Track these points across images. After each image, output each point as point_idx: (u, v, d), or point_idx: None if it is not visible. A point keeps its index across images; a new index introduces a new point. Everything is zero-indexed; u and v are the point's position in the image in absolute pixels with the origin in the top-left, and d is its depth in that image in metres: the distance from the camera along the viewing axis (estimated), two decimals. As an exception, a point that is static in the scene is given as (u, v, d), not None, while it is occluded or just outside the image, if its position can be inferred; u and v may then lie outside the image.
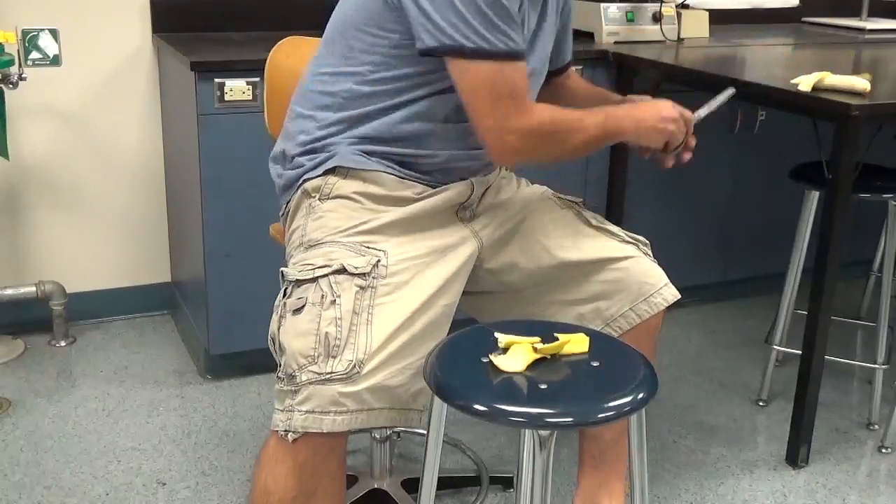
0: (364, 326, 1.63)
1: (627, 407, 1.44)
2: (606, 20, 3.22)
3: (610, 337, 1.71)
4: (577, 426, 1.52)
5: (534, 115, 1.71)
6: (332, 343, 1.60)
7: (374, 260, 1.68)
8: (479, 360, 1.51)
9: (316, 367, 1.60)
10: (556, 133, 1.75)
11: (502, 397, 1.43)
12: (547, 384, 1.46)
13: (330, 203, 1.77)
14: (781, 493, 2.44)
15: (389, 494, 2.26)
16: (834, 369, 2.95)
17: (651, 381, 1.49)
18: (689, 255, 3.44)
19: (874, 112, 2.29)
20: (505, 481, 2.42)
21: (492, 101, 1.66)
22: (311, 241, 1.75)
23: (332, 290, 1.64)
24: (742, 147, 3.38)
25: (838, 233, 2.37)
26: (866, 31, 3.81)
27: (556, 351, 1.54)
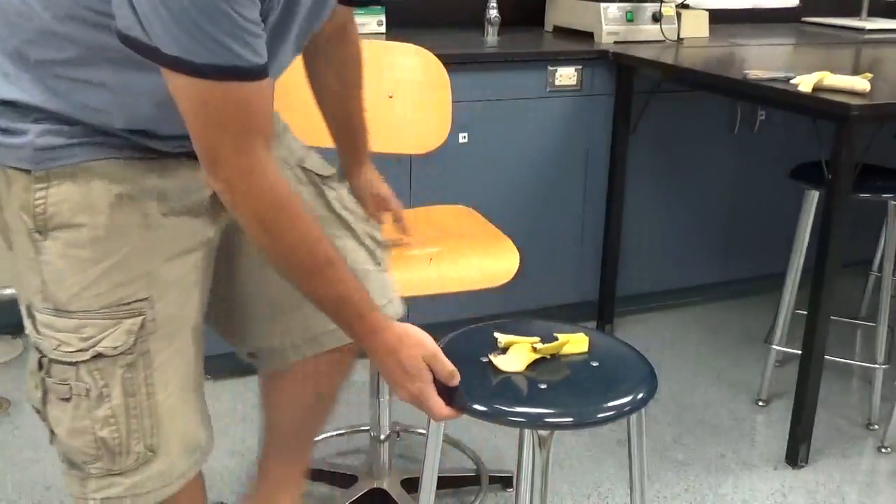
0: (146, 404, 1.42)
1: (627, 407, 1.44)
2: (606, 20, 3.22)
3: (610, 337, 1.71)
4: (577, 427, 1.53)
5: (255, 175, 1.30)
6: (111, 446, 1.41)
7: (137, 324, 1.39)
8: (479, 361, 1.51)
9: (101, 464, 1.42)
10: (269, 223, 1.33)
11: (502, 398, 1.43)
12: (546, 384, 1.46)
13: (53, 244, 1.35)
14: (781, 493, 2.44)
15: (389, 494, 2.26)
16: (834, 369, 2.95)
17: (650, 380, 1.49)
18: (689, 255, 3.44)
19: (874, 112, 2.29)
20: (504, 480, 2.42)
21: (201, 125, 1.26)
22: (58, 304, 1.37)
23: (96, 381, 1.38)
24: (742, 147, 3.38)
25: (838, 233, 2.37)
26: (866, 31, 3.81)
27: (556, 351, 1.54)
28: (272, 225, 1.33)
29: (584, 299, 3.31)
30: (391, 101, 2.22)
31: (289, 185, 1.37)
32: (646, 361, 1.55)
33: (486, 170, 3.02)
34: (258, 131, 1.29)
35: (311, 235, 1.37)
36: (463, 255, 2.01)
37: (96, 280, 1.36)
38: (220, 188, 1.32)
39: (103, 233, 1.36)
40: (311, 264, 1.38)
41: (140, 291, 1.39)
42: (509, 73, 2.97)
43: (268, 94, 1.31)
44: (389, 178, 2.87)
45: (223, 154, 1.28)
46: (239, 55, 1.21)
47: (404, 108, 2.23)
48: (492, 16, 3.29)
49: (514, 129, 3.02)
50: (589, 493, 2.41)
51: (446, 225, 2.22)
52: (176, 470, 1.48)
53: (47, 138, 1.33)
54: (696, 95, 3.18)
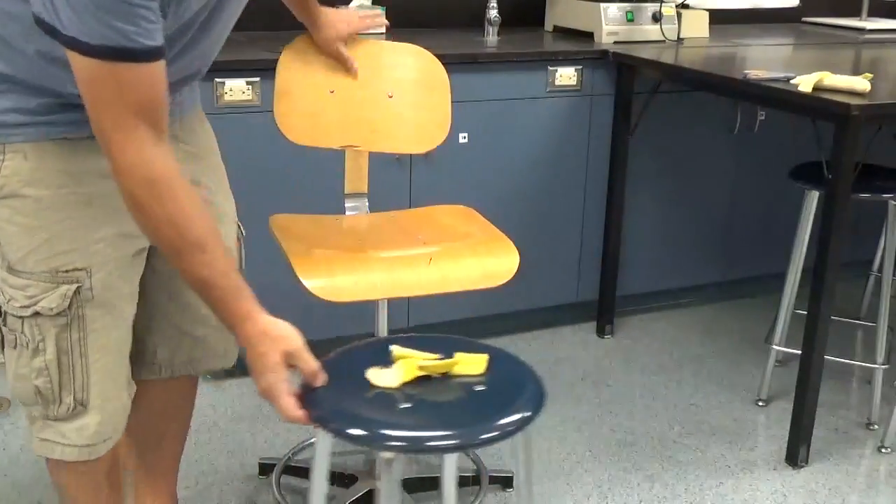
0: (78, 363, 1.57)
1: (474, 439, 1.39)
2: (606, 20, 3.22)
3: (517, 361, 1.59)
4: (412, 452, 1.43)
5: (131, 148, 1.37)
6: (45, 394, 1.57)
7: (72, 290, 1.53)
8: (363, 372, 1.48)
9: (39, 409, 1.59)
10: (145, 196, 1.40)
11: (350, 412, 1.40)
12: (413, 403, 1.41)
13: (3, 210, 1.50)
14: (781, 493, 2.44)
15: None
16: (834, 369, 2.95)
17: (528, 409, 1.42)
18: (689, 255, 3.44)
19: (874, 112, 2.29)
20: (504, 480, 2.42)
21: (90, 101, 1.35)
22: (10, 264, 1.53)
23: (34, 335, 1.54)
24: (742, 147, 3.38)
25: (838, 233, 2.37)
26: (866, 31, 3.81)
27: (445, 370, 1.49)
28: (142, 201, 1.40)
29: (584, 299, 3.31)
30: (391, 100, 2.21)
31: (170, 167, 1.41)
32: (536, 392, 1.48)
33: (487, 170, 3.02)
34: (141, 110, 1.36)
35: (181, 216, 1.42)
36: (463, 256, 2.00)
37: (39, 246, 1.51)
38: (108, 161, 1.39)
39: (48, 205, 1.49)
40: (178, 244, 1.43)
41: (78, 261, 1.53)
42: (509, 73, 2.97)
43: (157, 77, 1.37)
44: (390, 178, 2.88)
45: (106, 129, 1.36)
46: (130, 38, 1.30)
47: (404, 108, 2.22)
48: (492, 16, 3.29)
49: (514, 129, 3.02)
50: (589, 494, 2.41)
51: (446, 225, 2.21)
52: (105, 431, 1.62)
53: (8, 116, 1.46)
54: (696, 95, 3.18)
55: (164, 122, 1.41)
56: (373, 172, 2.51)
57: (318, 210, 2.31)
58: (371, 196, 2.35)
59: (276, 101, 2.11)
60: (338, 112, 2.17)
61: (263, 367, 1.46)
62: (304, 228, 2.14)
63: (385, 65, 2.22)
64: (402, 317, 3.03)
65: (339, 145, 2.18)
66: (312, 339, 3.17)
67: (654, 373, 3.04)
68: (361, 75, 2.18)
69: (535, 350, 3.19)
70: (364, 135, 2.19)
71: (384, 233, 2.19)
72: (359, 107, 2.18)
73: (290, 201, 2.72)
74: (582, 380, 3.00)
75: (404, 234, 2.16)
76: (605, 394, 2.91)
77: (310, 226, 2.17)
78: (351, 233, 2.19)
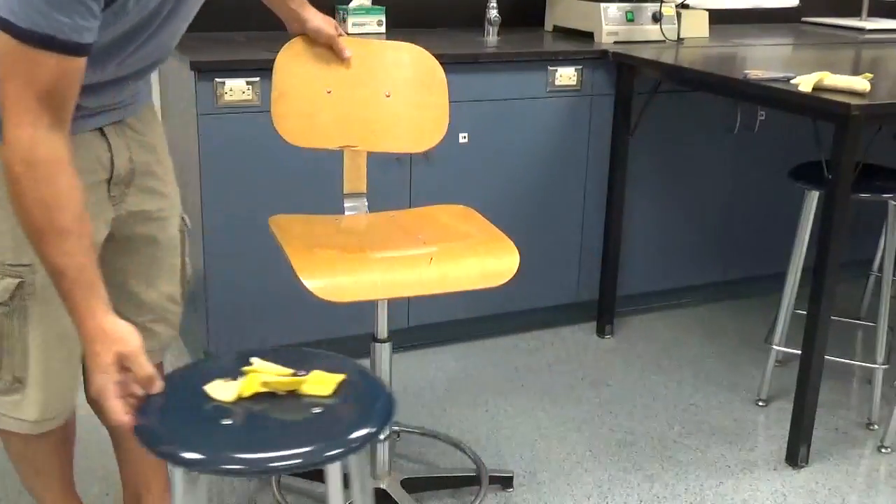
0: (17, 345, 1.67)
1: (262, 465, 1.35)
2: (606, 20, 3.22)
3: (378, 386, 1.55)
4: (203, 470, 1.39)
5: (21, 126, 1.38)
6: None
7: (14, 284, 1.62)
8: (201, 386, 1.48)
9: None
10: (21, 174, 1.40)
11: (167, 424, 1.40)
12: (233, 420, 1.40)
13: None
14: (781, 493, 2.44)
15: (389, 494, 2.26)
16: (834, 369, 2.95)
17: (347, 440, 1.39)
18: (689, 255, 3.44)
19: (874, 112, 2.29)
20: (504, 481, 2.42)
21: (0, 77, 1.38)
22: None
23: None
24: (742, 147, 3.38)
25: (838, 233, 2.37)
26: (866, 31, 3.81)
27: (290, 388, 1.49)
28: (20, 179, 1.40)
29: (584, 299, 3.31)
30: (388, 100, 2.21)
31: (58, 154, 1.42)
32: (378, 420, 1.45)
33: (487, 170, 3.02)
34: (47, 97, 1.38)
35: (53, 201, 1.41)
36: (463, 255, 2.00)
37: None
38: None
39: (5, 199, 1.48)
40: (45, 228, 1.42)
41: (23, 258, 1.60)
42: (509, 73, 2.97)
43: (74, 72, 1.40)
44: (390, 178, 2.88)
45: (6, 105, 1.37)
46: (61, 30, 1.33)
47: (401, 107, 2.22)
48: (492, 16, 3.29)
49: (514, 129, 3.02)
50: (589, 494, 2.41)
51: (446, 224, 2.21)
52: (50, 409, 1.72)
53: None
54: (696, 95, 3.19)
55: (66, 113, 1.43)
56: (373, 172, 2.52)
57: (318, 210, 2.31)
58: (371, 196, 2.35)
59: (274, 103, 2.11)
60: (335, 112, 2.17)
61: (96, 367, 1.44)
62: (304, 229, 2.14)
63: (382, 64, 2.22)
64: (402, 317, 3.03)
65: (337, 146, 2.18)
66: (313, 339, 3.18)
67: (654, 373, 3.04)
68: (358, 75, 2.18)
69: (535, 350, 3.20)
70: (362, 135, 2.19)
71: (384, 233, 2.18)
72: (356, 107, 2.18)
73: (290, 201, 2.72)
74: (582, 380, 3.00)
75: (404, 233, 2.15)
76: (605, 394, 2.91)
77: (309, 226, 2.17)
78: (351, 233, 2.18)
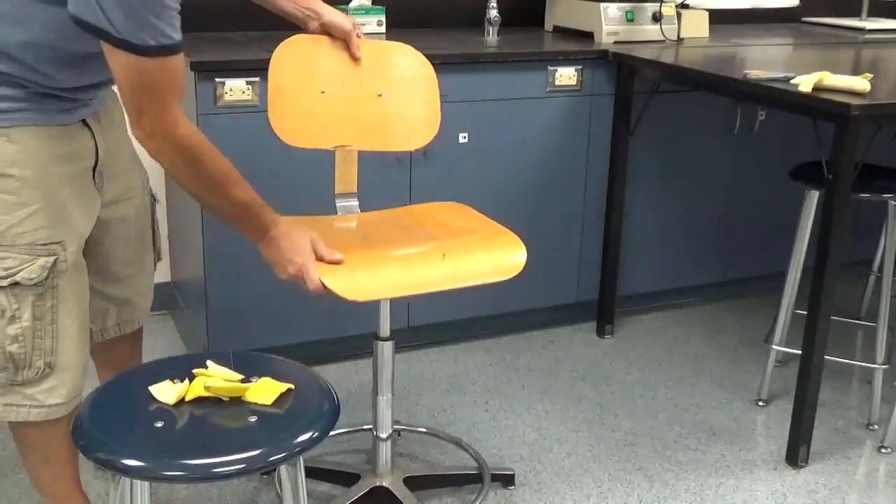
0: (49, 328, 1.76)
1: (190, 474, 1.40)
2: (606, 20, 3.22)
3: (328, 397, 1.58)
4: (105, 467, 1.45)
5: (179, 125, 1.65)
6: (18, 360, 1.74)
7: (51, 262, 1.73)
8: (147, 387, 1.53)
9: (7, 375, 1.76)
10: (195, 159, 1.69)
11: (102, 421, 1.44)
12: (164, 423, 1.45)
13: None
14: (781, 493, 2.44)
15: (392, 491, 2.26)
16: (834, 369, 2.95)
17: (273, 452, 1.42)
18: (689, 255, 3.44)
19: (874, 112, 2.29)
20: (505, 479, 2.42)
21: (135, 93, 1.60)
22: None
23: (10, 303, 1.71)
24: (742, 147, 3.38)
25: (838, 233, 2.37)
26: (866, 31, 3.81)
27: (233, 394, 1.51)
28: (196, 157, 1.69)
29: (584, 299, 3.31)
30: (380, 99, 2.22)
31: (199, 130, 1.72)
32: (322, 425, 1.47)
33: (486, 170, 3.02)
34: (178, 92, 1.65)
35: (223, 161, 1.74)
36: (472, 251, 2.01)
37: (21, 222, 1.69)
38: (145, 136, 1.64)
39: (30, 184, 1.69)
40: (227, 180, 1.75)
41: (56, 236, 1.73)
42: (509, 73, 2.97)
43: (182, 63, 1.65)
44: (389, 179, 2.88)
45: (152, 111, 1.61)
46: (169, 36, 1.57)
47: (393, 106, 2.23)
48: (492, 16, 3.29)
49: (514, 129, 3.02)
50: (589, 494, 2.41)
51: (445, 221, 2.22)
52: (74, 390, 1.84)
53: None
54: (696, 95, 3.19)
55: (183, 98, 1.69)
56: (372, 173, 2.52)
57: (319, 210, 2.31)
58: (371, 196, 2.35)
59: (270, 103, 2.12)
60: (329, 113, 2.17)
61: (296, 253, 1.82)
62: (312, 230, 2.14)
63: (373, 64, 2.22)
64: (402, 317, 3.03)
65: (332, 146, 2.18)
66: (313, 339, 3.17)
67: (654, 373, 3.04)
68: (350, 75, 2.19)
69: (535, 350, 3.20)
70: (355, 134, 2.20)
71: (388, 231, 2.19)
72: (349, 107, 2.19)
73: (290, 201, 2.72)
74: (582, 380, 3.00)
75: (408, 231, 2.17)
76: (605, 394, 2.91)
77: (314, 227, 2.17)
78: (357, 232, 2.19)
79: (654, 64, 2.95)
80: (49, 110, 1.71)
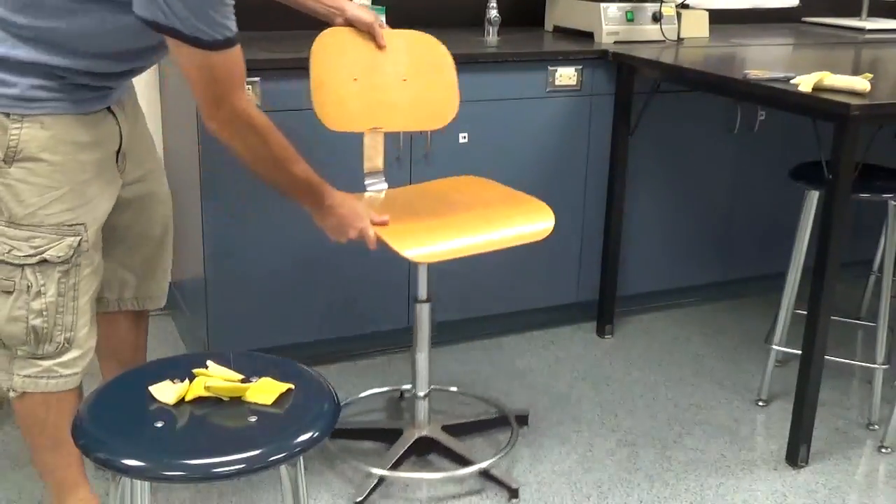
0: (70, 304, 1.90)
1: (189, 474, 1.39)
2: (606, 20, 3.22)
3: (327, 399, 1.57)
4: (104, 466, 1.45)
5: (250, 107, 1.83)
6: (40, 333, 1.88)
7: (76, 241, 1.87)
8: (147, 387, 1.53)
9: (28, 348, 1.89)
10: (265, 138, 1.87)
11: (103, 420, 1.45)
12: (165, 422, 1.45)
13: (18, 170, 1.79)
14: (781, 493, 2.44)
15: (434, 439, 2.49)
16: (834, 369, 2.95)
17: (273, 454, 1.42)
18: (689, 255, 3.44)
19: (874, 112, 2.29)
20: (520, 419, 2.69)
21: (209, 86, 1.76)
22: (13, 218, 1.82)
23: (37, 280, 1.85)
24: (742, 147, 3.38)
25: (838, 233, 2.37)
26: (866, 31, 3.81)
27: (233, 394, 1.52)
28: (266, 135, 1.87)
29: (584, 299, 3.31)
30: (405, 83, 2.43)
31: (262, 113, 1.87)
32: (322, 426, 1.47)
33: (487, 170, 3.00)
34: (242, 80, 1.82)
35: (284, 140, 1.91)
36: (508, 216, 2.26)
37: (50, 203, 1.82)
38: (218, 126, 1.81)
39: (59, 168, 1.82)
40: (292, 156, 1.94)
41: (80, 217, 1.87)
42: (509, 73, 2.97)
43: (241, 52, 1.79)
44: (391, 178, 2.88)
45: (226, 99, 1.78)
46: (230, 29, 1.72)
47: (417, 89, 2.44)
48: (492, 16, 3.29)
49: (514, 129, 3.02)
50: (589, 494, 2.41)
51: (473, 191, 2.45)
52: (85, 362, 1.96)
53: (33, 91, 1.76)
54: (696, 95, 3.18)
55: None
56: (373, 172, 2.52)
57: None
58: (371, 196, 2.35)
59: (313, 94, 2.30)
60: (362, 98, 2.39)
61: (355, 218, 2.09)
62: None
63: (397, 52, 2.43)
64: (402, 317, 3.03)
65: (367, 128, 2.38)
66: (312, 339, 3.17)
67: (654, 373, 3.04)
68: (378, 63, 2.40)
69: (535, 350, 3.20)
70: (385, 117, 2.41)
71: (425, 202, 2.41)
72: (378, 91, 2.40)
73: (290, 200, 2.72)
74: (582, 380, 3.00)
75: (441, 202, 2.39)
76: (605, 394, 2.91)
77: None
78: (395, 205, 2.36)
79: (654, 64, 2.95)
80: (79, 100, 1.83)
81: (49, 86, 1.78)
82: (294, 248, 2.81)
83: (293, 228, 2.75)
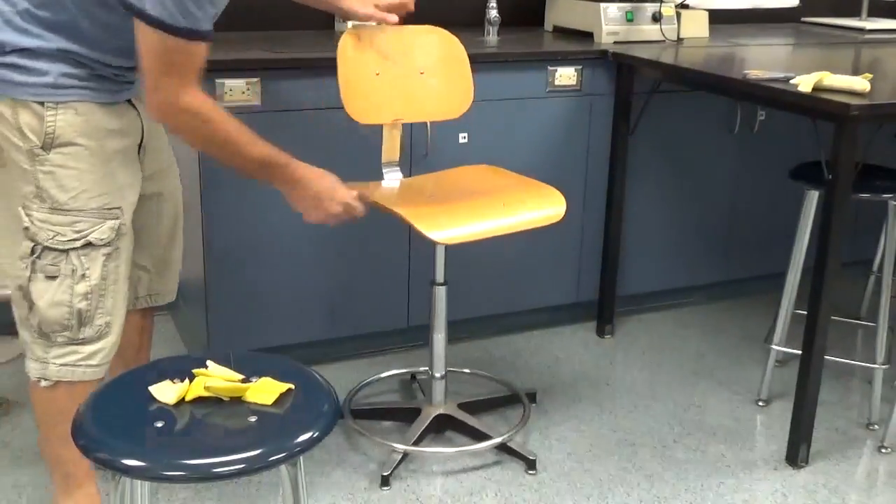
0: (111, 288, 1.94)
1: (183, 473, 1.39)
2: (606, 20, 3.22)
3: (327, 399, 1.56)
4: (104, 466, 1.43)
5: (186, 94, 1.82)
6: (84, 316, 1.91)
7: (117, 224, 1.92)
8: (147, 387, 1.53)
9: (69, 333, 1.92)
10: (204, 122, 1.87)
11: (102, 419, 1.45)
12: (165, 423, 1.44)
13: (57, 156, 1.85)
14: (781, 493, 2.44)
15: (452, 416, 2.61)
16: (834, 369, 2.95)
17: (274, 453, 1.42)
18: (689, 255, 3.44)
19: (874, 112, 2.29)
20: (530, 396, 2.81)
21: (160, 69, 1.78)
22: (56, 204, 1.86)
23: (82, 264, 1.89)
24: (742, 147, 3.38)
25: (838, 233, 2.37)
26: (866, 31, 3.81)
27: (233, 394, 1.52)
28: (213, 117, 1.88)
29: (584, 299, 3.31)
30: (422, 76, 2.54)
31: (213, 103, 1.90)
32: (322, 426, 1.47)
33: (486, 170, 3.01)
34: (196, 73, 1.83)
35: (234, 124, 1.91)
36: (522, 201, 2.35)
37: (90, 187, 1.87)
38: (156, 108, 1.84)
39: (94, 153, 1.87)
40: (238, 140, 1.93)
41: (116, 201, 1.92)
42: (509, 73, 2.97)
43: (205, 50, 1.82)
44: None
45: (172, 85, 1.80)
46: (200, 23, 1.75)
47: (434, 82, 2.55)
48: (492, 16, 3.29)
49: (514, 129, 3.02)
50: (589, 494, 2.41)
51: (487, 178, 2.55)
52: (107, 353, 1.98)
53: (64, 79, 1.82)
54: (696, 95, 3.18)
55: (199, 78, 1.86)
56: (372, 174, 2.52)
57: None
58: (371, 196, 2.35)
59: (342, 90, 2.39)
60: (384, 92, 2.49)
61: (335, 192, 2.08)
62: (391, 193, 2.47)
63: (413, 46, 2.54)
64: (402, 317, 3.03)
65: (389, 119, 2.49)
66: (312, 339, 3.16)
67: (654, 373, 3.04)
68: (396, 57, 2.51)
69: (535, 350, 3.20)
70: (405, 108, 2.52)
71: (444, 189, 2.51)
72: (398, 85, 2.50)
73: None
74: (582, 380, 3.00)
75: (458, 188, 2.49)
76: (605, 394, 2.91)
77: (372, 191, 2.42)
78: (414, 192, 2.49)
79: (654, 64, 2.95)
80: (105, 90, 1.89)
81: (78, 74, 1.84)
82: (294, 248, 2.81)
83: (293, 228, 2.75)
